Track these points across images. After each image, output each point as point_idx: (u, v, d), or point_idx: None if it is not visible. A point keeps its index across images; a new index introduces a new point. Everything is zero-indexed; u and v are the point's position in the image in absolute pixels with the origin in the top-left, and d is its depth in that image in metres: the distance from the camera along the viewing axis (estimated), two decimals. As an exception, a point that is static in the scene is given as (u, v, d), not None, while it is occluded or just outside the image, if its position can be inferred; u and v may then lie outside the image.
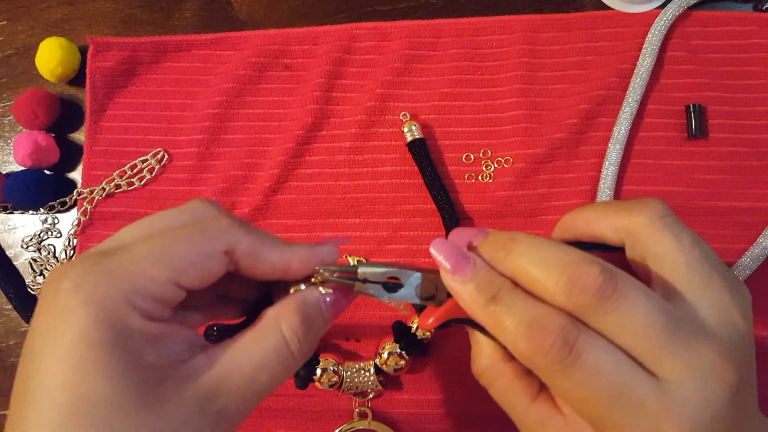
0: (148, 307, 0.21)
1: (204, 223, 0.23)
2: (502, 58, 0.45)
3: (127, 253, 0.22)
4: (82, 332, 0.19)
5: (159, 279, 0.21)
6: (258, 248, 0.24)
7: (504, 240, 0.25)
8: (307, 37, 0.47)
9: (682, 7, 0.44)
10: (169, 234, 0.22)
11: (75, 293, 0.20)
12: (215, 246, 0.23)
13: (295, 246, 0.25)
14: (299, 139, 0.45)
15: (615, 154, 0.43)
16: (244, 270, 0.24)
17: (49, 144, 0.46)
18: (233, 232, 0.23)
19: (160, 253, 0.22)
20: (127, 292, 0.20)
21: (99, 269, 0.21)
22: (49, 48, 0.46)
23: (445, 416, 0.42)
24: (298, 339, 0.23)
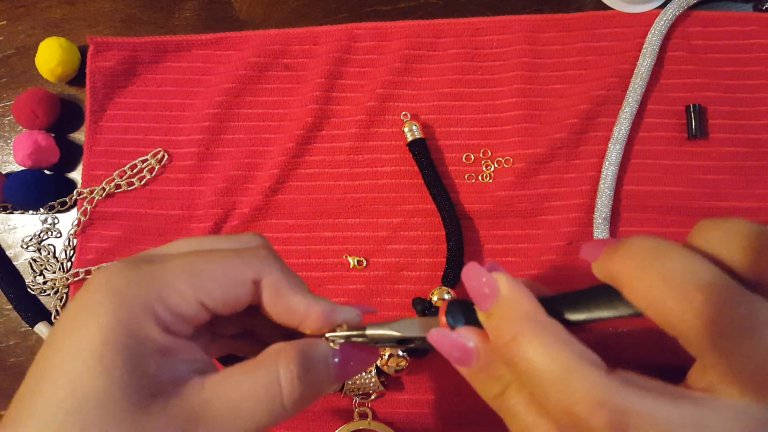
0: (168, 319, 0.21)
1: (243, 249, 0.24)
2: (502, 58, 0.45)
3: (164, 263, 0.22)
4: (102, 328, 0.20)
5: (185, 294, 0.22)
6: (284, 285, 0.24)
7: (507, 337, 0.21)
8: (307, 37, 0.47)
9: (682, 7, 0.44)
10: (208, 254, 0.23)
11: (104, 288, 0.21)
12: (246, 272, 0.23)
13: (319, 299, 0.24)
14: (299, 139, 0.45)
15: (615, 154, 0.43)
16: (265, 304, 0.24)
17: (49, 144, 0.46)
18: (267, 263, 0.23)
19: (193, 269, 0.22)
20: (152, 298, 0.21)
21: (133, 272, 0.21)
22: (49, 48, 0.46)
23: (446, 416, 0.42)
24: (291, 379, 0.22)
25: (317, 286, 0.44)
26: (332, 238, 0.44)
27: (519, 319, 0.21)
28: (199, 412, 0.21)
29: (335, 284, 0.44)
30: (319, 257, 0.44)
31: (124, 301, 0.21)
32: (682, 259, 0.19)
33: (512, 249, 0.43)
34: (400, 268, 0.44)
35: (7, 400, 0.45)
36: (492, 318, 0.22)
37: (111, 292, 0.21)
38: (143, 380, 0.20)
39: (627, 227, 0.43)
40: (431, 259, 0.43)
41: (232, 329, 0.27)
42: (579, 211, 0.43)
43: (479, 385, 0.23)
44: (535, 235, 0.43)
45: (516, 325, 0.21)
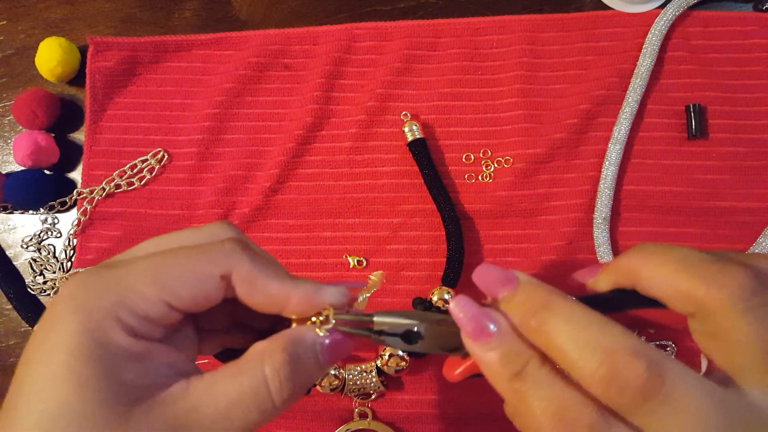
0: (134, 324, 0.21)
1: (208, 245, 0.23)
2: (502, 58, 0.45)
3: (125, 267, 0.21)
4: (67, 340, 0.20)
5: (149, 296, 0.21)
6: (257, 276, 0.22)
7: (537, 306, 0.21)
8: (307, 37, 0.47)
9: (682, 7, 0.44)
10: (170, 253, 0.22)
11: (68, 301, 0.20)
12: (211, 269, 0.22)
13: (299, 281, 0.23)
14: (299, 139, 0.45)
15: (615, 154, 0.43)
16: (242, 298, 0.23)
17: (49, 144, 0.46)
18: (234, 257, 0.22)
19: (155, 270, 0.21)
20: (115, 305, 0.20)
21: (94, 280, 0.21)
22: (49, 48, 0.46)
23: (446, 416, 0.42)
24: (279, 381, 0.21)
25: (317, 286, 0.44)
26: (332, 238, 0.44)
27: (546, 293, 0.22)
28: (186, 419, 0.20)
29: (335, 284, 0.44)
30: (319, 257, 0.44)
31: (86, 311, 0.20)
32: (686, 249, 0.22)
33: (512, 249, 0.43)
34: (400, 268, 0.44)
35: (7, 400, 0.45)
36: (515, 297, 0.22)
37: (73, 303, 0.20)
38: (120, 388, 0.20)
39: (627, 227, 0.43)
40: (431, 259, 0.43)
41: (220, 323, 0.26)
42: (579, 211, 0.43)
43: (494, 366, 0.22)
44: (535, 235, 0.43)
45: (544, 298, 0.22)
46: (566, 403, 0.20)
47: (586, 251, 0.43)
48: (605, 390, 0.19)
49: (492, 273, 0.23)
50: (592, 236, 0.42)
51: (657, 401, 0.19)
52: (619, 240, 0.43)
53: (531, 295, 0.22)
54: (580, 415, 0.20)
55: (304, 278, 0.24)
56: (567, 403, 0.20)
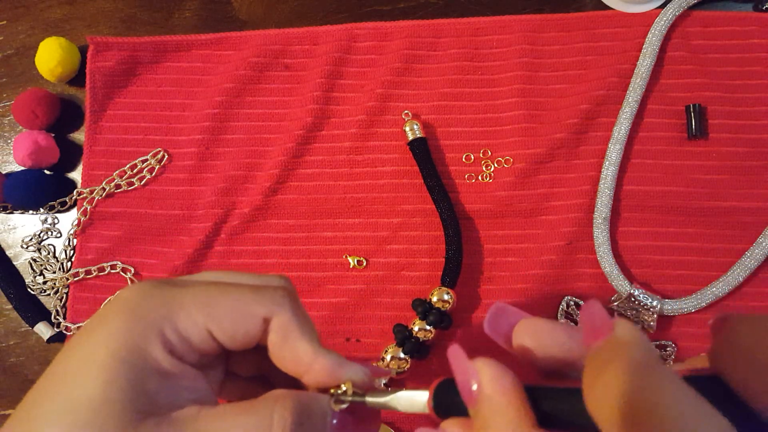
0: (175, 342, 0.22)
1: (261, 287, 0.24)
2: (502, 58, 0.45)
3: (182, 287, 0.23)
4: (109, 339, 0.21)
5: (195, 319, 0.22)
6: (292, 328, 0.23)
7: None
8: (307, 37, 0.47)
9: (682, 7, 0.44)
10: (225, 285, 0.23)
11: (121, 303, 0.22)
12: (257, 309, 0.23)
13: (328, 352, 0.23)
14: (299, 139, 0.45)
15: (615, 154, 0.43)
16: (271, 346, 0.24)
17: (49, 144, 0.46)
18: (281, 303, 0.23)
19: (207, 298, 0.23)
20: (162, 318, 0.22)
21: (150, 290, 0.22)
22: (49, 48, 0.46)
23: (445, 416, 0.42)
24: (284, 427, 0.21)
25: (317, 286, 0.44)
26: (332, 238, 0.44)
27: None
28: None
29: (335, 284, 0.44)
30: (319, 257, 0.44)
31: (135, 317, 0.21)
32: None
33: (512, 249, 0.43)
34: (400, 268, 0.44)
35: (7, 400, 0.45)
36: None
37: (125, 307, 0.22)
38: (141, 397, 0.20)
39: (627, 227, 0.43)
40: (431, 259, 0.43)
41: (247, 370, 0.27)
42: (579, 211, 0.43)
43: None
44: (535, 235, 0.43)
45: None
46: None
47: (586, 251, 0.43)
48: None
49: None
50: (592, 236, 0.42)
51: None
52: (619, 240, 0.43)
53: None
54: None
55: (332, 351, 0.24)
56: None
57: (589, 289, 0.42)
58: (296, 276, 0.44)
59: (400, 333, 0.41)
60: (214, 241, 0.45)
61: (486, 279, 0.43)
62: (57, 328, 0.45)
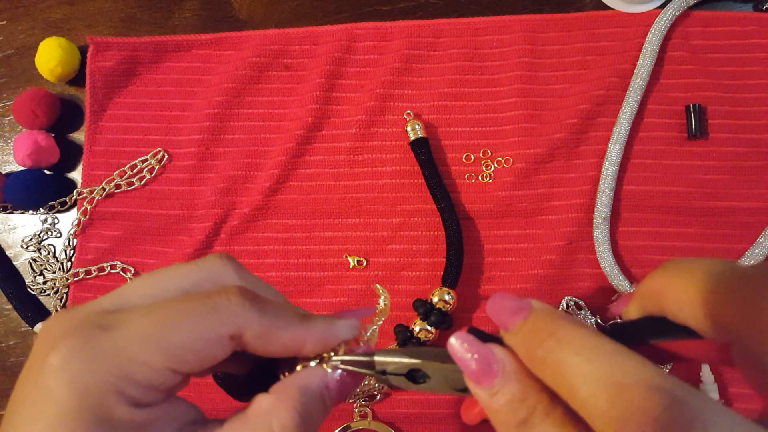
0: (138, 395, 0.19)
1: (212, 299, 0.21)
2: (502, 58, 0.45)
3: (123, 329, 0.20)
4: (62, 417, 0.18)
5: (154, 365, 0.19)
6: (270, 330, 0.21)
7: (545, 334, 0.19)
8: (307, 37, 0.47)
9: (682, 7, 0.44)
10: (173, 311, 0.20)
11: (61, 372, 0.19)
12: (221, 330, 0.20)
13: (312, 323, 0.22)
14: (299, 139, 0.45)
15: (615, 154, 0.43)
16: (253, 350, 0.22)
17: (49, 144, 0.46)
18: (244, 314, 0.21)
19: (159, 336, 0.20)
20: (117, 378, 0.19)
21: (90, 348, 0.19)
22: (49, 48, 0.46)
23: (446, 416, 0.42)
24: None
25: (317, 286, 0.44)
26: (332, 238, 0.44)
27: (556, 320, 0.19)
28: None
29: (335, 284, 0.44)
30: (319, 257, 0.44)
31: (83, 387, 0.19)
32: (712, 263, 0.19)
33: (512, 249, 0.43)
34: (400, 268, 0.44)
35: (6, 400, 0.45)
36: (523, 329, 0.20)
37: (68, 376, 0.19)
38: None
39: (627, 227, 0.43)
40: (431, 259, 0.43)
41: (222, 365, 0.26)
42: (579, 211, 0.43)
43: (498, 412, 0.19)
44: (535, 235, 0.43)
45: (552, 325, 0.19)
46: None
47: (586, 251, 0.43)
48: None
49: (504, 303, 0.21)
50: (592, 236, 0.42)
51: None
52: (619, 240, 0.43)
53: (540, 324, 0.19)
54: None
55: (315, 315, 0.23)
56: None
57: (589, 289, 0.42)
58: (296, 276, 0.44)
59: (402, 334, 0.41)
60: (214, 241, 0.45)
61: (486, 279, 0.43)
62: (57, 328, 0.45)
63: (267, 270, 0.44)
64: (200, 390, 0.43)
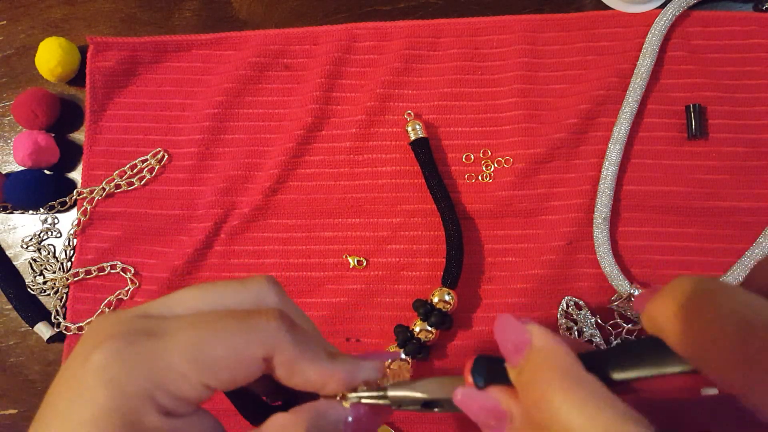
0: (170, 405, 0.20)
1: (253, 319, 0.21)
2: (502, 58, 0.45)
3: (165, 338, 0.20)
4: (95, 416, 0.19)
5: (188, 378, 0.20)
6: (298, 360, 0.22)
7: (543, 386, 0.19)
8: (307, 37, 0.47)
9: (682, 7, 0.44)
10: (213, 327, 0.21)
11: (102, 372, 0.19)
12: (255, 351, 0.21)
13: (338, 362, 0.22)
14: (299, 139, 0.45)
15: (615, 154, 0.43)
16: (280, 378, 0.22)
17: (49, 144, 0.46)
18: (279, 338, 0.21)
19: (198, 350, 0.20)
20: (152, 385, 0.20)
21: (132, 352, 0.20)
22: (49, 48, 0.46)
23: (446, 416, 0.42)
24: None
25: (317, 286, 0.44)
26: (332, 238, 0.44)
27: (552, 372, 0.19)
28: None
29: (335, 284, 0.44)
30: (319, 257, 0.44)
31: (120, 388, 0.19)
32: (734, 295, 0.16)
33: (512, 249, 0.43)
34: (400, 268, 0.44)
35: (6, 399, 0.45)
36: (523, 373, 0.20)
37: (106, 377, 0.19)
38: None
39: (627, 227, 0.43)
40: (431, 259, 0.43)
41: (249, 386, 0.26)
42: (579, 211, 0.43)
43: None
44: (535, 235, 0.43)
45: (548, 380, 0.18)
46: None
47: (586, 251, 0.43)
48: None
49: (506, 332, 0.20)
50: (592, 236, 0.42)
51: None
52: (619, 240, 0.43)
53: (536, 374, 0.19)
54: None
55: (342, 354, 0.23)
56: None
57: (589, 289, 0.42)
58: (296, 276, 0.44)
59: (402, 334, 0.41)
60: (214, 241, 0.45)
61: (486, 279, 0.43)
62: (57, 328, 0.45)
63: (267, 270, 0.44)
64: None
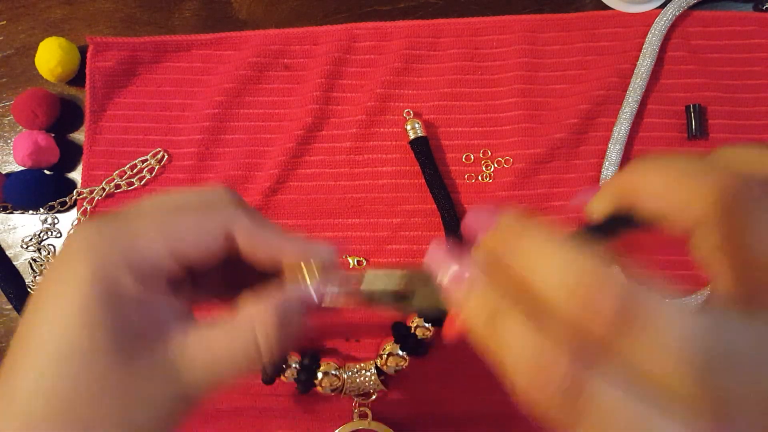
0: (143, 270, 0.22)
1: (212, 203, 0.25)
2: (502, 58, 0.45)
3: (138, 218, 0.23)
4: (81, 284, 0.21)
5: (157, 244, 0.23)
6: (256, 233, 0.25)
7: (511, 239, 0.21)
8: (307, 37, 0.47)
9: (682, 7, 0.44)
10: (178, 208, 0.24)
11: (82, 245, 0.22)
12: (215, 223, 0.24)
13: (294, 238, 0.25)
14: (299, 139, 0.45)
15: (615, 154, 0.43)
16: (243, 255, 0.25)
17: (49, 144, 0.46)
18: (236, 215, 0.24)
19: (164, 223, 0.23)
20: (126, 251, 0.22)
21: (107, 226, 0.23)
22: (49, 48, 0.46)
23: (446, 416, 0.42)
24: (268, 341, 0.23)
25: (317, 286, 0.44)
26: (332, 238, 0.44)
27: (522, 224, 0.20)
28: (183, 360, 0.22)
29: (335, 284, 0.44)
30: (319, 257, 0.44)
31: (99, 255, 0.22)
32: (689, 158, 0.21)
33: (512, 249, 0.43)
34: (400, 268, 0.44)
35: (7, 400, 0.45)
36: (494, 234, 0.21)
37: (87, 247, 0.22)
38: (126, 333, 0.21)
39: (627, 227, 0.43)
40: (431, 259, 0.43)
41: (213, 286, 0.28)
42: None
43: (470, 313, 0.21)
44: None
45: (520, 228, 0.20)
46: (539, 349, 0.18)
47: (586, 251, 0.43)
48: (577, 323, 0.18)
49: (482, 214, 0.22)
50: (592, 236, 0.42)
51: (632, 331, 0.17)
52: (619, 240, 0.43)
53: (507, 229, 0.21)
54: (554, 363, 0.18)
55: (299, 236, 0.26)
56: (540, 349, 0.18)
57: (589, 289, 0.42)
58: (296, 276, 0.44)
59: (399, 331, 0.41)
60: (214, 241, 0.45)
61: (486, 279, 0.43)
62: (57, 328, 0.45)
63: (267, 270, 0.44)
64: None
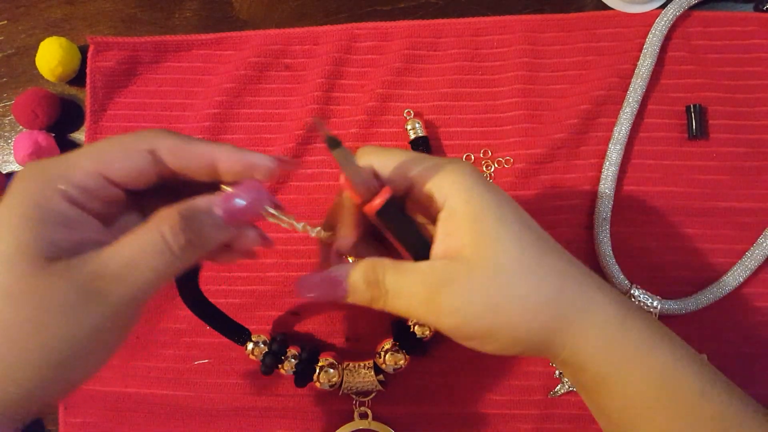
0: (73, 193, 0.25)
1: (141, 134, 0.27)
2: (503, 58, 0.45)
3: (71, 154, 0.26)
4: (12, 204, 0.24)
5: (87, 169, 0.25)
6: (181, 146, 0.27)
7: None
8: (308, 37, 0.47)
9: (683, 8, 0.44)
10: (109, 142, 0.27)
11: (20, 176, 0.25)
12: (140, 144, 0.26)
13: (224, 144, 0.27)
14: (299, 139, 0.45)
15: (615, 154, 0.43)
16: (174, 167, 0.27)
17: (49, 144, 0.46)
18: (159, 136, 0.27)
19: (93, 152, 0.26)
20: (57, 176, 0.25)
21: (45, 163, 0.26)
22: (49, 48, 0.46)
23: (445, 416, 0.42)
24: (175, 233, 0.25)
25: (317, 286, 0.44)
26: (332, 238, 0.44)
27: None
28: (98, 270, 0.24)
29: (335, 284, 0.44)
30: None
31: (32, 182, 0.25)
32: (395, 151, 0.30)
33: (512, 249, 0.43)
34: (400, 268, 0.44)
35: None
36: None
37: (23, 177, 0.25)
38: (47, 245, 0.24)
39: (627, 227, 0.43)
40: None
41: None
42: (579, 212, 0.43)
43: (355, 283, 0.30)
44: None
45: None
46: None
47: (586, 251, 0.43)
48: None
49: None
50: (593, 236, 0.42)
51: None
52: (619, 240, 0.43)
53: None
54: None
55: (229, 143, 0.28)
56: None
57: (589, 290, 0.42)
58: (296, 276, 0.44)
59: (399, 329, 0.41)
60: (214, 241, 0.45)
61: (486, 279, 0.43)
62: (57, 328, 0.45)
63: (267, 270, 0.44)
64: (199, 390, 0.43)
